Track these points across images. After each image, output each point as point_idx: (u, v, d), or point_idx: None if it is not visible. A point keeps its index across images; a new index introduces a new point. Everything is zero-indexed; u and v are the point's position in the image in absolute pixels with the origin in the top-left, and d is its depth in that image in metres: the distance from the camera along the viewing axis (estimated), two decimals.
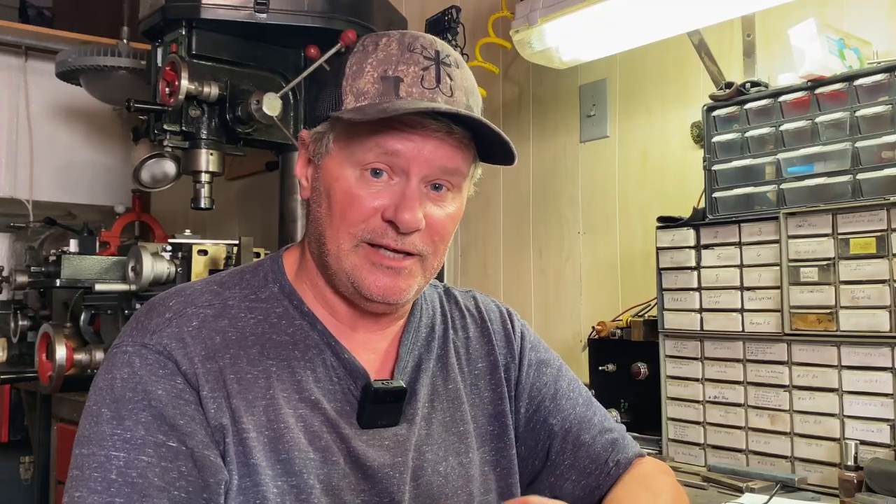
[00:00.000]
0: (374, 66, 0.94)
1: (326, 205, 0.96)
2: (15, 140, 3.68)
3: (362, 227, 0.94)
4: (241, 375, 0.93)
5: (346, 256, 0.95)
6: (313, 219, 1.00)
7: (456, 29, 2.47)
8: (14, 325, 3.06)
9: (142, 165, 2.65)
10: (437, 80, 0.94)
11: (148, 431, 0.87)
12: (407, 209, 0.92)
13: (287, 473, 0.91)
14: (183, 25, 2.28)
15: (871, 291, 1.47)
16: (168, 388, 0.90)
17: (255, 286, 1.01)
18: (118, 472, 0.85)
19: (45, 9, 3.63)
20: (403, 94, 0.93)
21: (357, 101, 0.94)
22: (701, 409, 1.73)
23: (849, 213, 1.51)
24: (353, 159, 0.94)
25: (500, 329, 1.16)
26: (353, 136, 0.94)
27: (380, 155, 0.93)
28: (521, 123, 2.59)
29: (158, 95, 2.27)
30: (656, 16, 1.83)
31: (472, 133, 0.97)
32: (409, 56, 0.94)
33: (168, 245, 2.40)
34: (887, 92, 1.48)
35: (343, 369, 0.99)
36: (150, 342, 0.92)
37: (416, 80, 0.93)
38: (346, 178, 0.94)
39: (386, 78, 0.93)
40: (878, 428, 1.46)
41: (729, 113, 1.73)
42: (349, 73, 0.96)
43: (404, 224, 0.92)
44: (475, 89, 1.00)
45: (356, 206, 0.94)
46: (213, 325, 0.95)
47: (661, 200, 2.10)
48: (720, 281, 1.70)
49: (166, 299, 0.98)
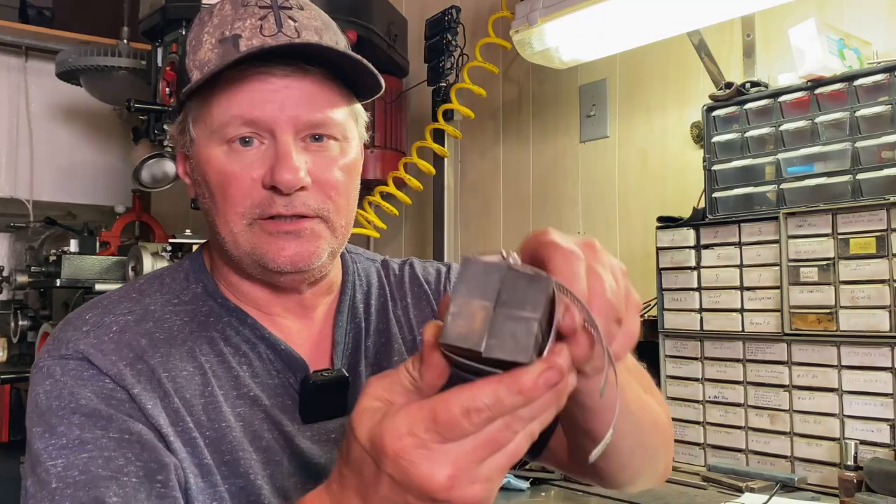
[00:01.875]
0: (211, 32, 0.88)
1: (208, 192, 0.89)
2: (15, 140, 3.67)
3: (248, 204, 0.87)
4: (175, 374, 0.86)
5: (242, 237, 0.88)
6: (203, 212, 0.92)
7: (456, 29, 2.47)
8: (14, 325, 3.06)
9: (142, 165, 2.65)
10: (279, 25, 0.87)
11: (84, 430, 0.80)
12: (283, 167, 0.85)
13: (234, 475, 0.86)
14: (183, 25, 2.28)
15: (871, 291, 1.47)
16: (96, 389, 0.83)
17: (177, 289, 0.95)
18: (58, 478, 0.78)
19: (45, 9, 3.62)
20: (244, 48, 0.85)
21: (202, 73, 0.87)
22: (701, 409, 1.73)
23: (849, 213, 1.51)
24: (215, 136, 0.87)
25: (437, 287, 1.07)
26: (208, 111, 0.87)
27: (240, 125, 0.86)
28: (521, 123, 2.59)
29: (158, 95, 2.27)
30: (656, 16, 1.83)
31: (335, 72, 0.89)
32: (244, 10, 0.88)
33: (168, 245, 2.40)
34: (887, 92, 1.49)
35: (281, 362, 0.92)
36: (67, 352, 0.85)
37: (254, 32, 0.86)
38: (215, 157, 0.87)
39: (223, 40, 0.87)
40: (878, 428, 1.46)
41: (729, 113, 1.73)
42: (189, 49, 0.90)
43: (285, 184, 0.84)
44: (330, 26, 0.92)
45: (234, 183, 0.86)
46: (136, 328, 0.89)
47: (661, 200, 2.10)
48: (720, 281, 1.70)
49: (82, 313, 0.91)
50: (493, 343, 0.51)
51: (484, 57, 2.44)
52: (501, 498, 1.58)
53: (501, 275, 0.53)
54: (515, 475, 1.63)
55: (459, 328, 0.52)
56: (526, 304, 0.52)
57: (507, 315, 0.51)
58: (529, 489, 1.61)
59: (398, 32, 2.65)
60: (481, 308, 0.52)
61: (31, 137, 3.69)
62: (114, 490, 0.77)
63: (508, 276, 0.53)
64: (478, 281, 0.53)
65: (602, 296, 0.57)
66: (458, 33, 2.48)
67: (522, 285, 0.52)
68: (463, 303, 0.52)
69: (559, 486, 1.63)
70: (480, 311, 0.52)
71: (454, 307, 0.52)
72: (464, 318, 0.52)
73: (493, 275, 0.53)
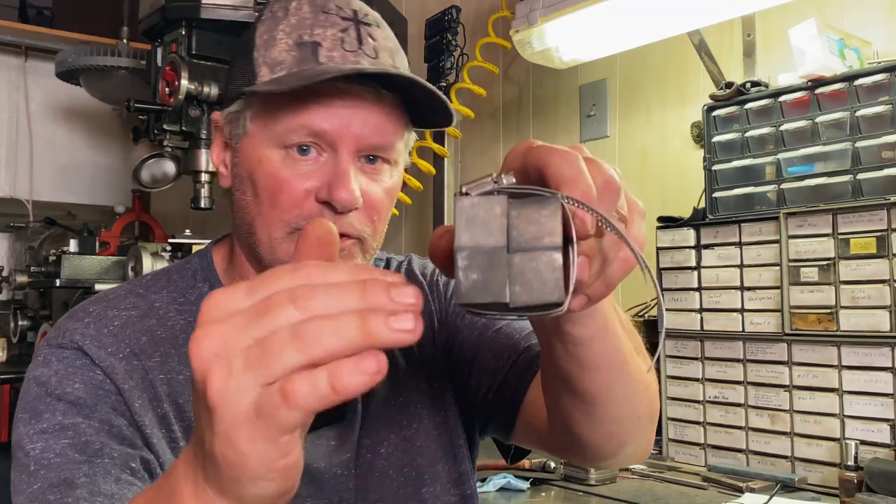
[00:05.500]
0: (288, 32, 0.85)
1: (252, 191, 0.87)
2: (15, 140, 3.67)
3: (296, 213, 0.84)
4: (171, 377, 0.85)
5: (280, 245, 0.86)
6: (239, 208, 0.90)
7: (456, 29, 2.47)
8: (14, 325, 3.06)
9: (142, 165, 2.65)
10: (359, 41, 0.85)
11: (66, 416, 0.80)
12: (342, 187, 0.83)
13: None
14: (183, 25, 2.28)
15: (871, 291, 1.47)
16: (86, 379, 0.83)
17: (183, 287, 0.94)
18: (35, 461, 0.78)
19: (45, 9, 3.62)
20: (324, 59, 0.83)
21: (273, 72, 0.84)
22: (701, 409, 1.73)
23: (849, 213, 1.51)
24: (275, 139, 0.85)
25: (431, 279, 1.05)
26: (273, 112, 0.85)
27: (305, 135, 0.83)
28: (521, 123, 2.59)
29: (158, 95, 2.27)
30: (656, 16, 1.83)
31: (403, 97, 0.87)
32: (325, 18, 0.85)
33: (168, 245, 2.40)
34: (887, 92, 1.48)
35: None
36: (64, 341, 0.86)
37: (335, 44, 0.84)
38: (269, 159, 0.85)
39: (302, 44, 0.84)
40: (879, 428, 1.46)
41: (729, 113, 1.73)
42: (260, 43, 0.86)
43: (341, 203, 0.83)
44: (400, 50, 0.91)
45: (286, 191, 0.84)
46: (138, 325, 0.88)
47: (661, 200, 2.10)
48: (720, 281, 1.70)
49: (87, 305, 0.90)
50: (518, 290, 0.45)
51: (484, 57, 2.44)
52: (501, 498, 1.58)
53: (504, 207, 0.46)
54: (515, 475, 1.63)
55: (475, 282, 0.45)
56: (542, 235, 0.45)
57: (525, 253, 0.45)
58: (529, 489, 1.61)
59: (398, 32, 2.64)
60: (493, 252, 0.45)
61: (31, 137, 3.69)
62: (84, 471, 0.77)
63: (513, 207, 0.46)
64: (480, 221, 0.46)
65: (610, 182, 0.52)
66: (458, 33, 2.48)
67: (531, 213, 0.46)
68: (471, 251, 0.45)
69: (559, 486, 1.63)
70: (494, 257, 0.45)
71: (462, 259, 0.45)
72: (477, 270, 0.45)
73: (494, 209, 0.46)
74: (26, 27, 3.46)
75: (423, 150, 2.53)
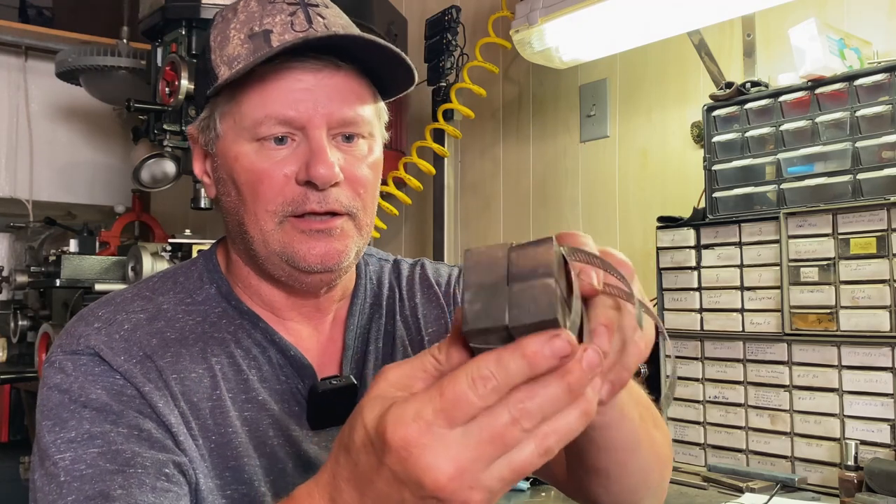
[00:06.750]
0: (238, 28, 0.88)
1: (235, 190, 0.89)
2: (15, 140, 3.67)
3: (280, 201, 0.86)
4: (183, 375, 0.87)
5: (273, 236, 0.87)
6: (227, 211, 0.91)
7: (456, 29, 2.47)
8: (14, 325, 3.06)
9: (142, 165, 2.65)
10: (309, 21, 0.87)
11: (93, 424, 0.80)
12: (319, 162, 0.84)
13: (237, 481, 0.85)
14: (183, 25, 2.28)
15: (872, 291, 1.47)
16: (107, 385, 0.83)
17: (190, 289, 0.95)
18: (66, 472, 0.78)
19: (45, 9, 3.63)
20: (276, 43, 0.85)
21: (231, 68, 0.87)
22: (701, 409, 1.73)
23: (849, 213, 1.51)
24: (245, 133, 0.87)
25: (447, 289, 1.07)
26: (239, 108, 0.87)
27: (274, 125, 0.85)
28: (521, 123, 2.59)
29: (158, 95, 2.27)
30: (656, 16, 1.83)
31: (362, 66, 0.90)
32: (272, 7, 0.88)
33: (168, 245, 2.40)
34: (887, 92, 1.48)
35: (290, 367, 0.92)
36: (79, 348, 0.86)
37: (286, 28, 0.86)
38: (244, 154, 0.87)
39: (254, 35, 0.87)
40: (879, 428, 1.46)
41: (729, 113, 1.73)
42: (215, 45, 0.89)
43: (321, 179, 0.84)
44: (352, 26, 0.93)
45: (265, 180, 0.86)
46: (147, 328, 0.89)
47: (661, 200, 2.10)
48: (720, 281, 1.70)
49: (95, 309, 0.91)
50: (516, 312, 0.50)
51: (484, 57, 2.44)
52: (502, 498, 1.58)
53: (505, 252, 0.52)
54: None
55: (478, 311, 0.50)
56: (537, 268, 0.50)
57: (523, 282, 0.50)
58: (529, 489, 1.61)
59: (398, 32, 2.64)
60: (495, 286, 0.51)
61: (31, 137, 3.69)
62: (118, 482, 0.77)
63: (513, 251, 0.52)
64: (484, 265, 0.52)
65: (615, 255, 0.57)
66: (458, 33, 2.48)
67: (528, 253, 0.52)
68: (476, 289, 0.51)
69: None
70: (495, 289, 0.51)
71: (468, 296, 0.51)
72: (481, 301, 0.50)
73: (497, 254, 0.52)
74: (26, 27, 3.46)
75: (423, 150, 2.53)
